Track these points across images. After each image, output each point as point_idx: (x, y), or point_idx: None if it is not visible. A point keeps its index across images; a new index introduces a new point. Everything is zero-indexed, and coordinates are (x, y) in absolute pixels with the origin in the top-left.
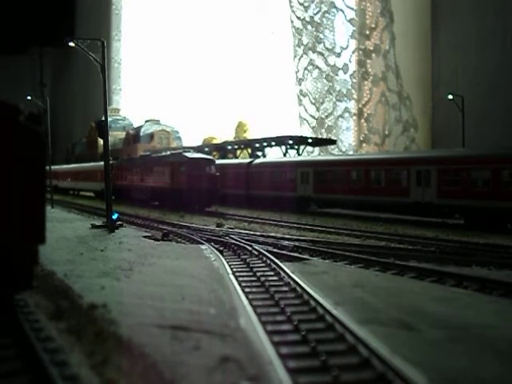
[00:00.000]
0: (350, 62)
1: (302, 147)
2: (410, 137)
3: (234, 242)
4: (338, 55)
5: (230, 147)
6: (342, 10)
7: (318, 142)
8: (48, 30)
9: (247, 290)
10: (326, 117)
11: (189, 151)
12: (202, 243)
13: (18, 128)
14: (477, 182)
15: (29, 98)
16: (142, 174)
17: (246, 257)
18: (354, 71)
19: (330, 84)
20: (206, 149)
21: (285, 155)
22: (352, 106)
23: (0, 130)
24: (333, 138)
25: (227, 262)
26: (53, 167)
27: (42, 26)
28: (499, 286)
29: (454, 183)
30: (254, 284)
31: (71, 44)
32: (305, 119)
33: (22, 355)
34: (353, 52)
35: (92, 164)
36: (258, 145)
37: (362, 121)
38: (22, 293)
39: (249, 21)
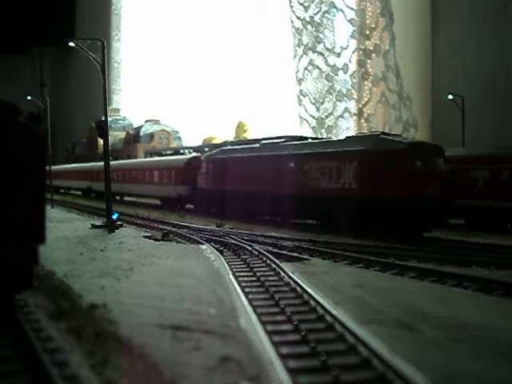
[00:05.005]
0: (350, 61)
1: None
2: (410, 137)
3: (233, 242)
4: (338, 55)
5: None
6: (342, 10)
7: None
8: (48, 29)
9: (247, 290)
10: (326, 117)
11: (387, 133)
12: (202, 243)
13: (18, 128)
14: (477, 182)
15: (29, 98)
16: (270, 172)
17: (246, 257)
18: (354, 71)
19: (330, 84)
20: (206, 149)
21: None
22: (352, 106)
23: (0, 130)
24: (333, 137)
25: (227, 262)
26: (74, 165)
27: (42, 25)
28: (499, 286)
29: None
30: (253, 284)
31: (71, 44)
32: (305, 119)
33: (22, 355)
34: (353, 52)
35: (155, 159)
36: (258, 145)
37: (362, 121)
38: (22, 293)
39: (249, 21)
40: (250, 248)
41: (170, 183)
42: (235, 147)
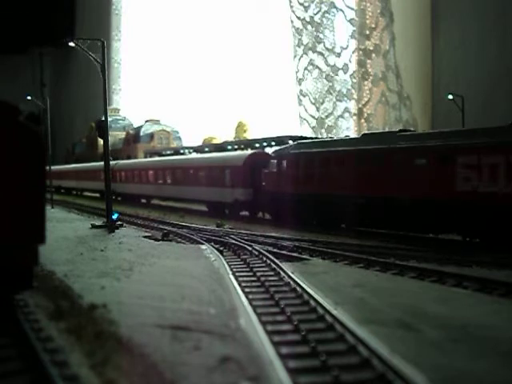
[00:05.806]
0: (350, 61)
1: None
2: None
3: (233, 242)
4: (338, 55)
5: (229, 147)
6: (342, 10)
7: None
8: (48, 29)
9: (247, 290)
10: (326, 117)
11: None
12: (202, 243)
13: (18, 128)
14: None
15: (29, 97)
16: (386, 173)
17: (246, 257)
18: (354, 71)
19: (330, 84)
20: (206, 149)
21: None
22: (352, 106)
23: (0, 130)
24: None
25: (227, 262)
26: (91, 164)
27: (42, 25)
28: (499, 286)
29: None
30: (253, 284)
31: (71, 44)
32: (305, 119)
33: (22, 355)
34: (353, 52)
35: (203, 156)
36: (257, 145)
37: (362, 121)
38: (22, 293)
39: (249, 21)
40: (249, 248)
41: (223, 185)
42: (317, 140)
